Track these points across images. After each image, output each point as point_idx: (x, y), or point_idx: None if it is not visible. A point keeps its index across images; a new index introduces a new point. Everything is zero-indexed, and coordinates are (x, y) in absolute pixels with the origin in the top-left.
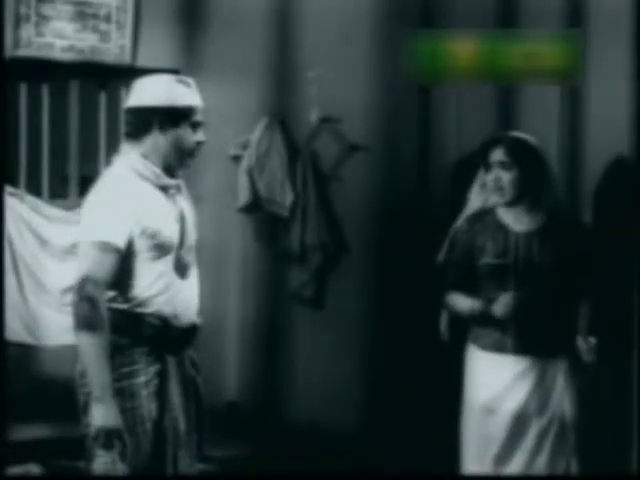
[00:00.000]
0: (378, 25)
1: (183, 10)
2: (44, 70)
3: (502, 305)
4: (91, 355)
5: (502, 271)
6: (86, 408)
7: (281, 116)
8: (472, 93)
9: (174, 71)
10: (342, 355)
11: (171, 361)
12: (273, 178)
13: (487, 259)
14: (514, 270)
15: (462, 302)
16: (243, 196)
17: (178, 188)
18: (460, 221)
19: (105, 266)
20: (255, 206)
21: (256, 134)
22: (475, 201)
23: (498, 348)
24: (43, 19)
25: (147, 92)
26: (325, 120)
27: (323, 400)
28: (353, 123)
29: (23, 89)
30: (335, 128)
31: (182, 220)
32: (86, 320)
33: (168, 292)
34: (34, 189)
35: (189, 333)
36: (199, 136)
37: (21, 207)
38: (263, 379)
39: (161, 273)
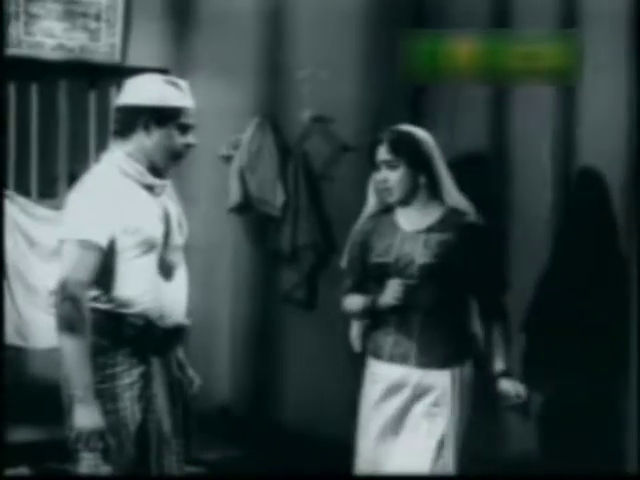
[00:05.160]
0: (370, 24)
1: (174, 9)
2: (33, 69)
3: (389, 292)
4: (73, 356)
5: (383, 270)
6: (71, 410)
7: (272, 116)
8: (465, 92)
9: (164, 70)
10: (334, 356)
11: (156, 363)
12: (264, 178)
13: (372, 258)
14: (395, 269)
15: (354, 302)
16: (234, 196)
17: (164, 187)
18: (359, 222)
19: (87, 265)
20: (246, 206)
21: (247, 134)
22: (372, 201)
23: (376, 355)
24: (32, 18)
25: (134, 91)
26: (317, 120)
27: (315, 402)
28: (345, 123)
29: (12, 88)
30: (327, 128)
31: (166, 220)
32: (68, 320)
33: (152, 292)
34: (23, 189)
35: (174, 334)
36: (188, 139)
37: (10, 208)
38: (255, 381)
39: (144, 273)
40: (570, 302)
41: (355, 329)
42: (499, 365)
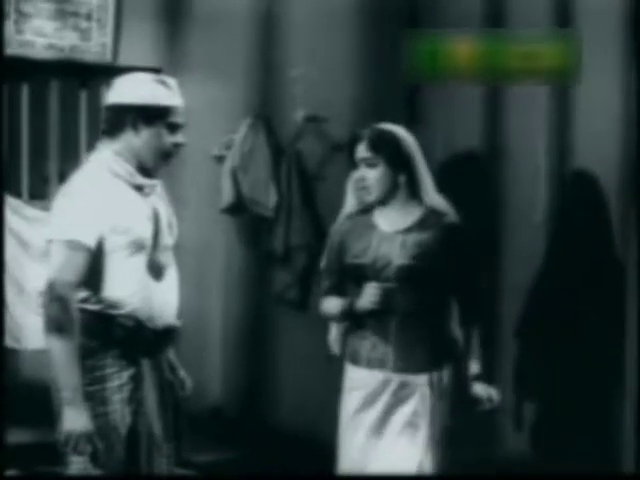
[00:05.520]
0: (364, 23)
1: (165, 8)
2: (24, 68)
3: (365, 296)
4: (61, 357)
5: (360, 271)
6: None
7: (265, 116)
8: (461, 92)
9: (156, 70)
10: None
11: (146, 365)
12: (257, 178)
13: (349, 259)
14: (372, 270)
15: (332, 304)
16: (226, 197)
17: (153, 187)
18: (337, 222)
19: (75, 266)
20: (239, 207)
21: (240, 134)
22: (350, 200)
23: (353, 360)
24: (23, 17)
25: (122, 90)
26: (310, 119)
27: (308, 403)
28: (338, 122)
29: (3, 88)
30: (320, 128)
31: (156, 219)
32: (56, 321)
33: (142, 293)
34: (14, 189)
35: (165, 336)
36: (177, 138)
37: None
38: (247, 382)
39: (134, 273)
40: (565, 305)
41: (333, 332)
42: (474, 369)
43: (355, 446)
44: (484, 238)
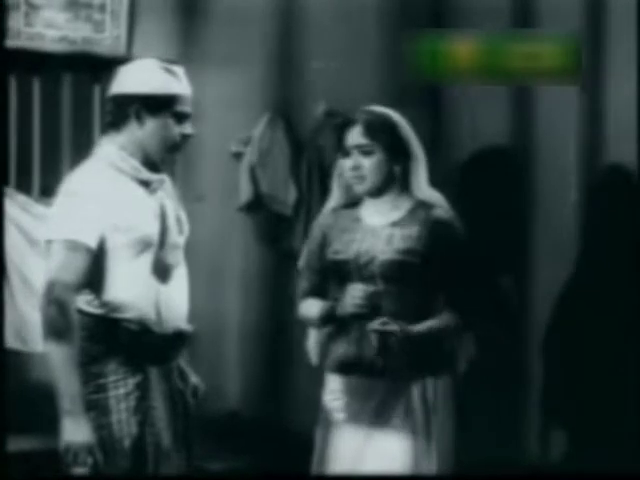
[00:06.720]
0: (387, 17)
1: None
2: (34, 62)
3: (349, 299)
4: (59, 364)
5: (342, 268)
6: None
7: (285, 110)
8: (485, 90)
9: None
10: None
11: (154, 372)
12: (276, 175)
13: (330, 255)
14: (355, 266)
15: (312, 308)
16: (244, 194)
17: (161, 183)
18: (320, 216)
19: (75, 267)
20: (257, 205)
21: (258, 130)
22: (336, 193)
23: (336, 369)
24: (33, 8)
25: (124, 79)
26: (330, 114)
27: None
28: None
29: (12, 82)
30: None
31: (163, 217)
32: (54, 325)
33: (148, 295)
34: (24, 186)
35: (174, 341)
36: (185, 128)
37: (10, 206)
38: (265, 387)
39: (139, 274)
40: (598, 311)
41: (312, 338)
42: (418, 326)
43: (345, 462)
44: (513, 237)
